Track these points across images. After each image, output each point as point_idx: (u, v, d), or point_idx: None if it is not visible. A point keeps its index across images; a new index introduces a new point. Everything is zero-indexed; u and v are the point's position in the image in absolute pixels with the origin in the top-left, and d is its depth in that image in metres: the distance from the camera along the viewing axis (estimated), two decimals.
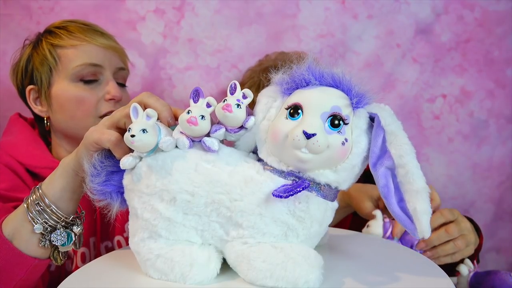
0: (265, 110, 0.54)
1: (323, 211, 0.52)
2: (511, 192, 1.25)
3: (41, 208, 0.60)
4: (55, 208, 0.60)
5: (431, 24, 1.21)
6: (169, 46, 1.16)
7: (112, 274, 0.56)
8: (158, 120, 0.53)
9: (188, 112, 0.50)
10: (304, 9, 1.19)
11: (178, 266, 0.51)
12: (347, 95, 0.52)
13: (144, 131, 0.48)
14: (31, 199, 0.61)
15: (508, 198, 1.25)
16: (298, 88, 0.53)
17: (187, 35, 1.17)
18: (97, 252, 0.86)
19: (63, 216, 0.61)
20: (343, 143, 0.50)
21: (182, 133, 0.52)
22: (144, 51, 1.16)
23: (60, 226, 0.61)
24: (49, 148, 0.90)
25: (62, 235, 0.61)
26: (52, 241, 0.61)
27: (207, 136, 0.52)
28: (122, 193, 0.54)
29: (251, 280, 0.50)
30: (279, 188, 0.50)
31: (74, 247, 0.64)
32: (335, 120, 0.49)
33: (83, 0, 1.12)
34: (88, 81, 0.84)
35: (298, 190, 0.48)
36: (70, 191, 0.61)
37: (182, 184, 0.50)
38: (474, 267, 0.75)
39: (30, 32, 0.92)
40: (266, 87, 1.04)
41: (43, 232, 0.61)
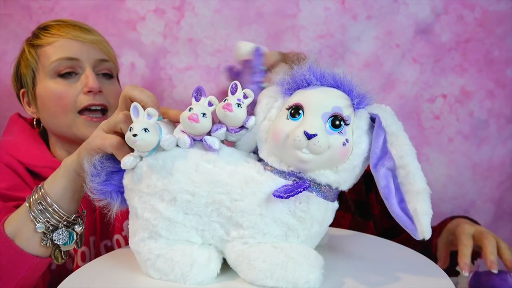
0: (266, 110, 0.54)
1: (323, 211, 0.52)
2: (511, 192, 1.25)
3: (43, 207, 0.61)
4: (57, 207, 0.61)
5: (431, 24, 1.21)
6: (169, 46, 1.16)
7: (112, 274, 0.56)
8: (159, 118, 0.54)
9: (190, 110, 0.50)
10: (304, 9, 1.19)
11: (178, 266, 0.51)
12: (348, 95, 0.52)
13: (146, 130, 0.48)
14: (33, 198, 0.62)
15: (508, 198, 1.25)
16: (299, 88, 0.53)
17: (187, 35, 1.16)
18: (97, 251, 0.86)
19: (65, 215, 0.62)
20: (344, 144, 0.50)
21: (183, 132, 0.52)
22: (144, 51, 1.16)
23: (62, 226, 0.62)
24: (48, 147, 0.90)
25: (64, 234, 0.62)
26: (54, 240, 0.62)
27: (208, 135, 0.52)
28: (122, 192, 0.54)
29: (251, 280, 0.50)
30: (279, 188, 0.50)
31: (75, 246, 0.64)
32: (336, 121, 0.50)
33: (83, 0, 1.12)
34: (65, 75, 0.83)
35: (299, 190, 0.48)
36: (71, 191, 0.61)
37: (183, 184, 0.51)
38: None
39: (30, 32, 0.92)
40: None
41: (45, 231, 0.61)
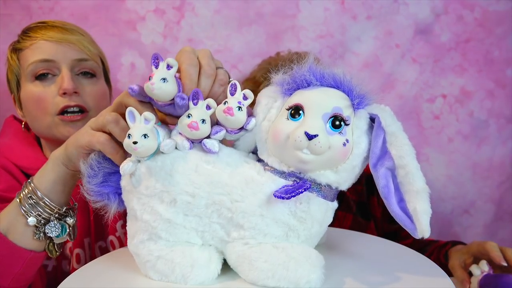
0: (265, 110, 0.54)
1: (323, 211, 0.52)
2: (511, 192, 1.25)
3: (34, 201, 0.61)
4: (48, 200, 0.61)
5: (430, 25, 1.21)
6: (169, 46, 1.16)
7: (111, 275, 0.56)
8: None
9: (189, 116, 0.49)
10: (304, 9, 1.19)
11: (179, 267, 0.51)
12: (348, 96, 0.52)
13: (145, 136, 0.48)
14: (24, 193, 0.62)
15: (508, 198, 1.25)
16: (299, 88, 0.53)
17: (187, 35, 1.16)
18: (92, 252, 0.86)
19: (56, 207, 0.62)
20: (344, 144, 0.50)
21: (181, 134, 0.51)
22: (144, 51, 1.16)
23: (54, 218, 0.63)
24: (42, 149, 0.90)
25: (56, 226, 0.63)
26: (47, 232, 0.62)
27: (207, 138, 0.52)
28: (119, 194, 0.54)
29: (252, 281, 0.50)
30: (280, 189, 0.50)
31: (68, 238, 0.64)
32: (336, 121, 0.50)
33: (83, 0, 1.12)
34: (41, 77, 0.82)
35: (300, 191, 0.48)
36: (61, 184, 0.62)
37: (183, 185, 0.50)
38: (488, 269, 0.75)
39: None
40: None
41: (37, 224, 0.62)
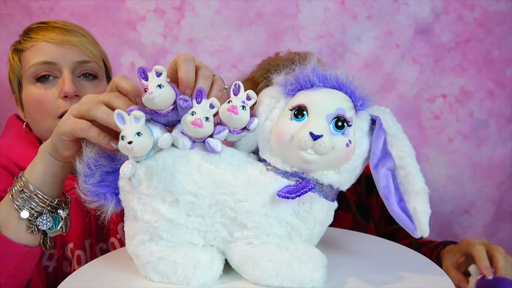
0: (268, 110, 0.54)
1: (326, 211, 0.53)
2: (511, 192, 1.25)
3: (26, 195, 0.61)
4: (40, 193, 0.62)
5: (430, 24, 1.21)
6: (169, 46, 1.16)
7: (110, 275, 0.56)
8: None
9: (192, 114, 0.49)
10: (304, 9, 1.19)
11: (181, 268, 0.51)
12: (350, 97, 0.52)
13: (138, 134, 0.47)
14: (15, 188, 0.62)
15: (508, 198, 1.25)
16: (302, 89, 0.53)
17: (187, 35, 1.16)
18: (93, 254, 0.86)
19: (48, 200, 0.62)
20: (347, 145, 0.50)
21: (183, 133, 0.51)
22: (144, 51, 1.16)
23: (46, 211, 0.63)
24: None
25: (48, 219, 0.63)
26: (39, 225, 0.62)
27: (210, 137, 0.51)
28: (117, 194, 0.53)
29: (256, 280, 0.50)
30: (283, 188, 0.50)
31: (61, 231, 0.64)
32: (339, 122, 0.50)
33: (83, 0, 1.12)
34: (42, 80, 0.81)
35: (305, 191, 0.48)
36: (51, 176, 0.62)
37: (185, 185, 0.50)
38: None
39: None
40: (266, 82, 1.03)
41: (30, 218, 0.62)
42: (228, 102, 0.50)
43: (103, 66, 0.89)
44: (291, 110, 0.51)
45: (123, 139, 0.47)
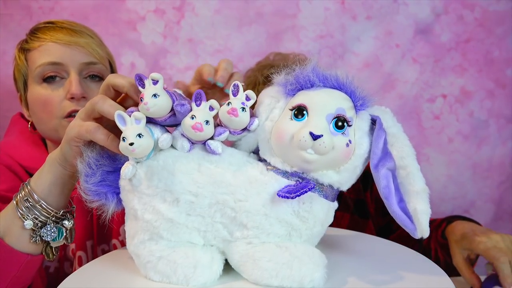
0: (268, 110, 0.54)
1: (326, 211, 0.53)
2: (511, 192, 1.25)
3: (30, 204, 0.60)
4: (44, 203, 0.60)
5: (430, 24, 1.21)
6: (169, 46, 1.16)
7: (111, 275, 0.55)
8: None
9: (192, 118, 0.49)
10: (304, 9, 1.19)
11: (181, 268, 0.51)
12: (350, 97, 0.52)
13: (140, 135, 0.47)
14: (20, 195, 0.61)
15: (508, 198, 1.25)
16: (302, 89, 0.53)
17: (187, 35, 1.17)
18: (94, 255, 0.85)
19: (53, 211, 0.61)
20: (347, 145, 0.50)
21: (183, 135, 0.51)
22: (144, 51, 1.16)
23: (51, 221, 0.61)
24: (47, 149, 0.90)
25: (52, 230, 0.61)
26: (42, 236, 0.61)
27: (210, 139, 0.51)
28: (117, 193, 0.53)
29: (256, 280, 0.50)
30: (283, 188, 0.50)
31: (65, 242, 0.63)
32: (339, 122, 0.50)
33: (83, 0, 1.12)
34: (49, 80, 0.81)
35: (305, 191, 0.48)
36: (59, 186, 0.60)
37: (186, 185, 0.50)
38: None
39: None
40: (262, 83, 1.04)
41: (33, 228, 0.60)
42: (228, 104, 0.50)
43: (109, 68, 0.89)
44: (291, 110, 0.51)
45: (124, 140, 0.47)
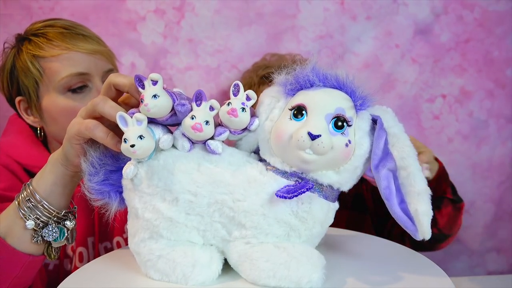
0: (268, 110, 0.54)
1: (325, 212, 0.52)
2: (511, 192, 1.25)
3: (32, 204, 0.60)
4: (46, 203, 0.60)
5: (430, 25, 1.21)
6: (169, 46, 1.16)
7: (112, 274, 0.56)
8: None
9: (192, 118, 0.49)
10: (304, 9, 1.19)
11: (180, 267, 0.51)
12: (350, 97, 0.52)
13: (141, 137, 0.47)
14: (22, 196, 0.61)
15: (508, 198, 1.25)
16: (301, 89, 0.53)
17: (187, 35, 1.17)
18: (95, 252, 0.86)
19: (54, 211, 0.61)
20: (347, 145, 0.50)
21: (183, 135, 0.51)
22: (144, 51, 1.16)
23: (52, 222, 0.61)
24: (47, 148, 0.90)
25: (53, 230, 0.61)
26: (44, 236, 0.61)
27: (211, 139, 0.51)
28: (120, 192, 0.54)
29: (253, 280, 0.50)
30: (282, 188, 0.50)
31: (67, 242, 0.63)
32: (339, 122, 0.50)
33: (84, 0, 1.12)
34: (76, 90, 0.81)
35: (303, 190, 0.48)
36: (61, 186, 0.60)
37: (185, 184, 0.50)
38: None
39: None
40: (257, 84, 1.04)
41: (35, 228, 0.60)
42: (228, 104, 0.50)
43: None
44: (291, 109, 0.51)
45: (125, 142, 0.47)
